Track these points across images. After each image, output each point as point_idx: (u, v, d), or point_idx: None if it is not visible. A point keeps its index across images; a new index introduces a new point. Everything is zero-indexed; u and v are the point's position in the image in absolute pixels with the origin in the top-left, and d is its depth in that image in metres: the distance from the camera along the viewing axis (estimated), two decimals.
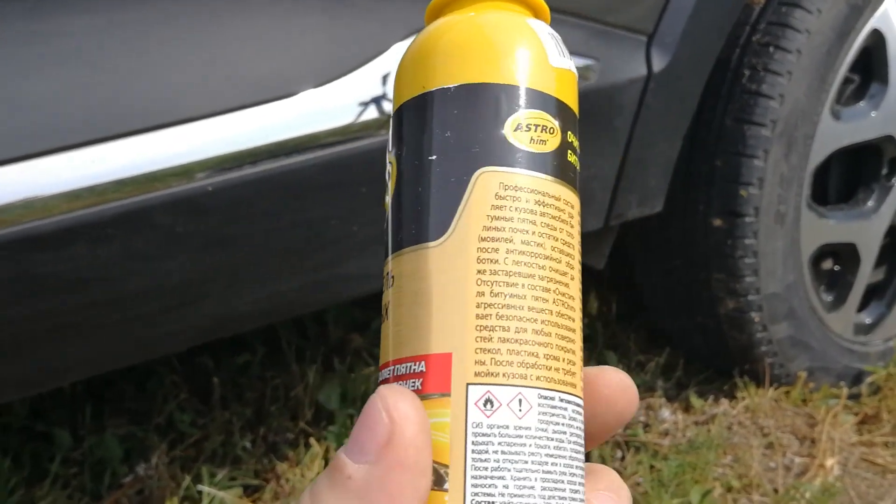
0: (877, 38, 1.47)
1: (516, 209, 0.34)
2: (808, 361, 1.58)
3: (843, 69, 1.43)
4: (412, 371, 0.33)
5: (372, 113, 0.96)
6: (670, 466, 1.37)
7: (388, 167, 0.37)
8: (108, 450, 1.32)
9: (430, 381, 0.33)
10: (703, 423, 1.53)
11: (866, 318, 1.71)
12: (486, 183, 0.34)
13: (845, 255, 1.61)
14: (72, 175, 0.82)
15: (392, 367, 0.34)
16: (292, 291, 1.04)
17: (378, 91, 0.97)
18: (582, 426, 0.34)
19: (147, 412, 1.43)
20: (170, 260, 0.92)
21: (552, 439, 0.33)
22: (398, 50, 0.97)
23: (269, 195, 0.94)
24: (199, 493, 1.26)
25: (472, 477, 0.32)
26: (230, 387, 1.48)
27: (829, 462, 1.44)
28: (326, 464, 1.32)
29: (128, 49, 0.86)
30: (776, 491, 1.38)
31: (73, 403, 1.43)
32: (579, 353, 0.35)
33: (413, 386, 0.33)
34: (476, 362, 0.33)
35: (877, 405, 1.60)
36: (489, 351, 0.33)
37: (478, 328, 0.33)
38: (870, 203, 1.58)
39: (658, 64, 1.18)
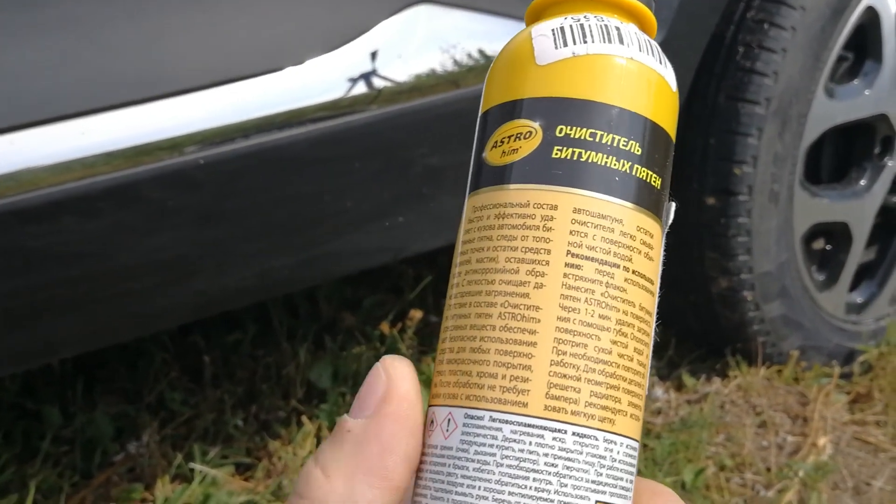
0: (871, 16, 1.46)
1: (478, 229, 0.34)
2: (800, 340, 1.58)
3: (837, 47, 1.42)
4: None
5: (361, 88, 0.96)
6: (663, 445, 1.37)
7: None
8: (98, 428, 1.31)
9: None
10: (695, 401, 1.54)
11: (858, 298, 1.71)
12: (467, 209, 0.35)
13: (837, 234, 1.60)
14: (60, 147, 0.81)
15: None
16: (285, 268, 1.04)
17: (367, 67, 0.96)
18: (534, 446, 0.31)
19: (138, 390, 1.42)
20: (161, 235, 0.92)
21: (472, 460, 0.31)
22: (386, 26, 0.96)
23: (261, 170, 0.93)
24: (191, 471, 1.25)
25: (413, 493, 0.33)
26: (221, 365, 1.47)
27: (822, 441, 1.44)
28: (318, 442, 1.32)
29: (117, 20, 0.85)
30: (769, 469, 1.38)
31: (64, 381, 1.42)
32: (540, 366, 0.32)
33: None
34: (433, 384, 0.34)
35: (868, 384, 1.60)
36: (439, 373, 0.34)
37: (439, 351, 0.34)
38: (862, 182, 1.58)
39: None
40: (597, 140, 0.33)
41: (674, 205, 0.36)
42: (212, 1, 0.90)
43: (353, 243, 1.07)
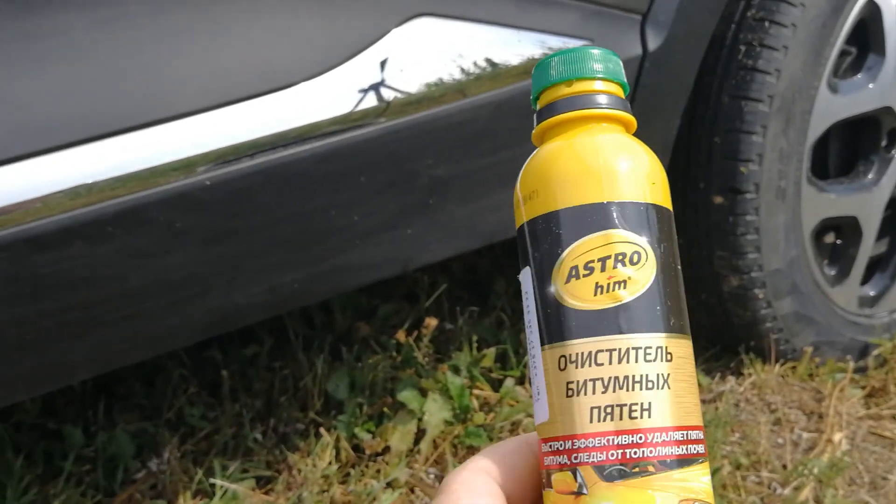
0: (872, 10, 1.46)
1: None
2: (813, 336, 1.58)
3: (839, 42, 1.43)
4: (699, 438, 0.42)
5: (371, 101, 0.97)
6: None
7: (641, 252, 0.44)
8: (119, 446, 1.33)
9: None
10: (710, 400, 1.54)
11: (870, 291, 1.71)
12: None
13: (847, 228, 1.60)
14: (70, 173, 0.83)
15: (683, 432, 0.42)
16: (295, 283, 1.05)
17: (376, 78, 0.97)
18: None
19: (157, 407, 1.44)
20: (171, 256, 0.93)
21: None
22: (395, 35, 0.97)
23: (268, 187, 0.94)
24: (212, 486, 1.27)
25: None
26: (239, 379, 1.49)
27: (837, 436, 1.44)
28: (338, 453, 1.33)
29: (124, 44, 0.86)
30: (785, 467, 1.38)
31: (84, 401, 1.44)
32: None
33: (696, 450, 0.42)
34: None
35: (884, 378, 1.60)
36: None
37: None
38: (870, 175, 1.58)
39: (653, 43, 1.18)
40: None
41: None
42: (217, 20, 0.91)
43: (363, 256, 1.08)
